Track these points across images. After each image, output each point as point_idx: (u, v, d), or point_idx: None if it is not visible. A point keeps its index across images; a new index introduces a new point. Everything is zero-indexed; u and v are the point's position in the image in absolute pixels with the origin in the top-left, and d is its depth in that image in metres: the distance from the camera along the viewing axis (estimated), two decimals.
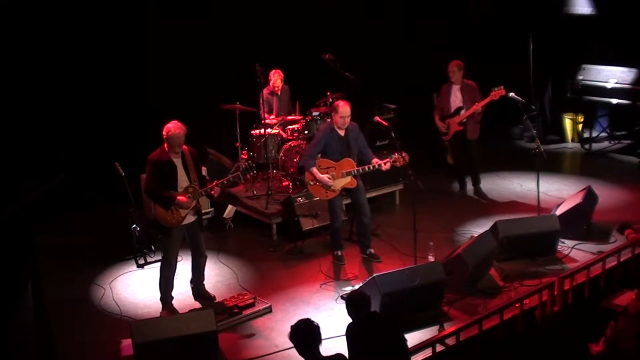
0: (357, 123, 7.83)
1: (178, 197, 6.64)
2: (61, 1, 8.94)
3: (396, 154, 7.50)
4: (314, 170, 7.63)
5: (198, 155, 6.96)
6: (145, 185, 6.81)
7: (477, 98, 9.10)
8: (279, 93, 9.60)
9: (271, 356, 6.22)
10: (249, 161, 7.25)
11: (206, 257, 7.12)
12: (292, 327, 5.10)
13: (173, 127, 6.62)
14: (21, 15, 8.60)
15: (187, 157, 6.76)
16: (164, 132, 6.63)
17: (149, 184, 6.74)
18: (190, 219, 6.81)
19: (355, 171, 7.65)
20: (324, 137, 7.68)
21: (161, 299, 6.95)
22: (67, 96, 9.20)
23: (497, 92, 8.84)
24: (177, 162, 6.72)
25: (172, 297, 6.99)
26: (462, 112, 9.15)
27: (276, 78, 9.51)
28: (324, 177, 7.61)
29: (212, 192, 6.89)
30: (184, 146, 6.74)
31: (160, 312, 6.89)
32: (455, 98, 9.22)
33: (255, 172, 7.36)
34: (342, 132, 7.69)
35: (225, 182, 6.95)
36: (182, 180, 6.73)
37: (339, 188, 7.67)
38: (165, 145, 6.67)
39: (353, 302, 5.45)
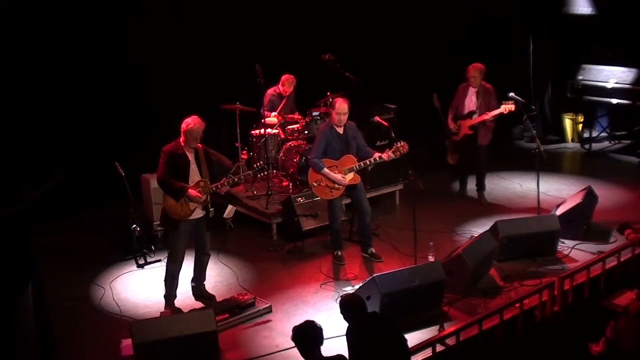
0: (355, 123, 7.83)
1: (189, 190, 6.67)
2: (61, 1, 8.94)
3: (394, 144, 7.51)
4: (326, 170, 7.62)
5: (210, 153, 7.00)
6: (157, 175, 6.83)
7: (492, 103, 8.97)
8: (285, 95, 9.60)
9: (271, 356, 6.22)
10: (261, 162, 7.33)
11: (209, 256, 7.14)
12: (295, 327, 5.10)
13: (192, 122, 6.67)
14: (21, 15, 8.59)
15: (200, 154, 6.82)
16: (183, 125, 6.67)
17: (161, 173, 6.76)
18: (199, 213, 6.83)
19: (357, 166, 7.66)
20: (325, 137, 7.68)
21: (165, 296, 6.95)
22: (67, 96, 9.18)
23: (508, 107, 8.73)
24: (191, 156, 6.77)
25: (176, 296, 6.99)
26: (474, 116, 9.08)
27: (290, 85, 9.48)
28: (337, 175, 7.61)
29: (221, 189, 6.93)
30: (198, 144, 6.77)
31: (162, 312, 6.89)
32: (470, 101, 9.13)
33: (266, 172, 7.43)
34: (340, 130, 7.70)
35: (236, 179, 7.13)
36: (194, 174, 6.77)
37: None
38: (182, 138, 6.71)
39: (346, 306, 5.43)
